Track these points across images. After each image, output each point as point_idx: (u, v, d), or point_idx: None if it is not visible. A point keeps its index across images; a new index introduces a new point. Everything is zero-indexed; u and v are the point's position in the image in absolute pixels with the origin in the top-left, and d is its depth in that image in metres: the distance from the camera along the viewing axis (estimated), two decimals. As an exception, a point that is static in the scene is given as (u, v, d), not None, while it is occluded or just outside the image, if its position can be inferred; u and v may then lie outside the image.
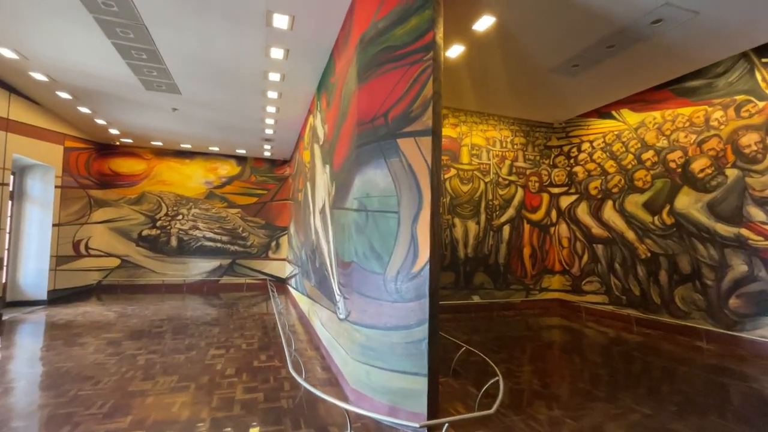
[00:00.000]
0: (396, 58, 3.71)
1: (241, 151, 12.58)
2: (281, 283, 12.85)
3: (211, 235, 12.58)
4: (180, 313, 8.38)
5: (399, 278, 3.49)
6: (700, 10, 4.71)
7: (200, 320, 7.73)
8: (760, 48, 6.16)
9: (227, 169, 13.05)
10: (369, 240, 3.76)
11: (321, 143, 6.32)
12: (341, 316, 4.43)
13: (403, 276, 3.46)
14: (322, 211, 6.04)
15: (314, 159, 7.08)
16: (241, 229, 12.97)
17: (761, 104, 6.19)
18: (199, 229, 12.49)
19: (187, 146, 12.01)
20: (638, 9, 4.66)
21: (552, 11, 4.71)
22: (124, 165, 12.00)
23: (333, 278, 5.01)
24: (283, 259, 13.19)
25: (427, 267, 3.37)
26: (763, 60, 6.19)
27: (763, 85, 6.18)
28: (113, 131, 10.45)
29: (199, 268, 12.36)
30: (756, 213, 6.17)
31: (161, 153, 12.39)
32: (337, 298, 4.69)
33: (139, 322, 7.37)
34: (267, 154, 12.80)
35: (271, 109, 8.34)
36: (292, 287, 10.54)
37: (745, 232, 6.30)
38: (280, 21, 4.96)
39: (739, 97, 6.48)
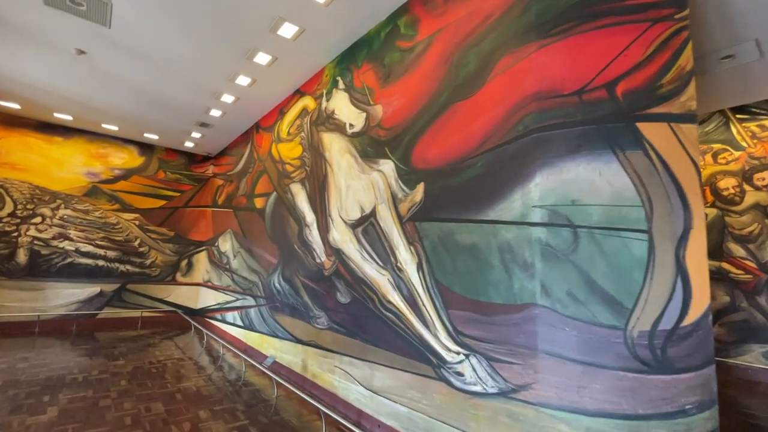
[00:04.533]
0: (624, 11, 2.58)
1: (151, 136, 9.28)
2: (194, 317, 9.64)
3: (89, 248, 8.74)
4: (59, 374, 5.08)
5: (657, 335, 2.24)
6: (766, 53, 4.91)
7: (109, 386, 4.74)
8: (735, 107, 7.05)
9: (124, 158, 9.46)
10: (582, 273, 2.42)
11: (360, 130, 4.61)
12: (475, 388, 2.86)
13: (668, 331, 2.23)
14: (362, 224, 4.30)
15: (328, 152, 5.22)
16: (138, 241, 9.42)
17: (737, 153, 7.02)
18: (71, 239, 8.55)
19: (64, 117, 8.21)
20: (732, 37, 4.58)
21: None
22: (-62, 131, 7.49)
23: (425, 324, 3.36)
24: (198, 284, 10.04)
25: (708, 317, 2.23)
26: (738, 116, 7.09)
27: (738, 137, 7.05)
28: (-71, 72, 6.35)
29: (65, 296, 8.36)
30: (736, 249, 6.84)
31: (14, 122, 8.21)
32: (451, 356, 3.09)
33: (-17, 404, 4.07)
34: (188, 144, 9.76)
35: (243, 80, 6.09)
36: (229, 323, 7.84)
37: (726, 266, 6.93)
38: (370, -64, 3.33)
39: (716, 146, 7.28)
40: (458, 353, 3.04)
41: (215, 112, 7.51)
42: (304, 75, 5.94)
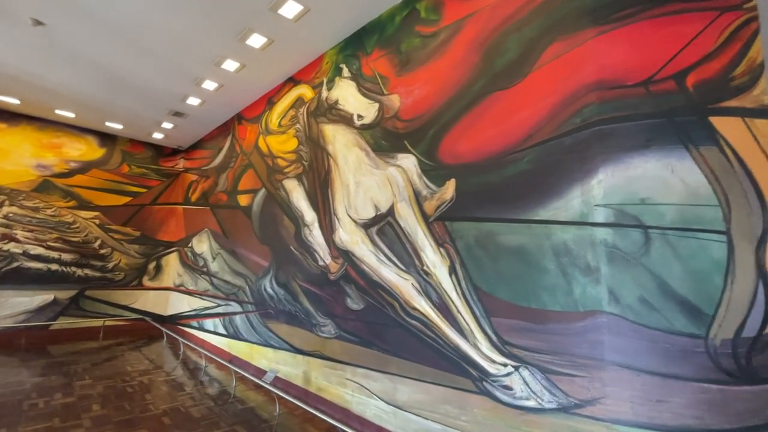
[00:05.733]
0: (691, -3, 2.43)
1: (114, 126, 8.34)
2: (164, 324, 8.78)
3: (39, 250, 7.71)
4: (14, 401, 4.31)
5: (741, 343, 2.10)
6: (762, 58, 5.07)
7: (79, 412, 4.06)
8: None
9: (81, 149, 8.44)
10: (656, 277, 2.24)
11: (371, 122, 4.25)
12: (528, 403, 2.63)
13: (752, 339, 2.09)
14: (377, 224, 3.96)
15: (331, 145, 4.82)
16: (98, 242, 8.45)
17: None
18: (17, 241, 7.49)
19: (10, 100, 7.14)
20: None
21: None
22: None
23: (462, 333, 3.09)
24: (168, 288, 9.20)
25: (792, 323, 2.11)
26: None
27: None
28: None
29: (12, 306, 7.31)
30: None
31: (-55, 104, 7.05)
32: (495, 368, 2.84)
33: None
34: (157, 136, 8.89)
35: (230, 64, 5.51)
36: (208, 331, 7.19)
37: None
38: None
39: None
40: (505, 365, 2.79)
41: (193, 101, 6.82)
42: (300, 62, 5.47)
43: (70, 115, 7.73)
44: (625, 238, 2.34)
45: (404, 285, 3.61)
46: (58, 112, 7.61)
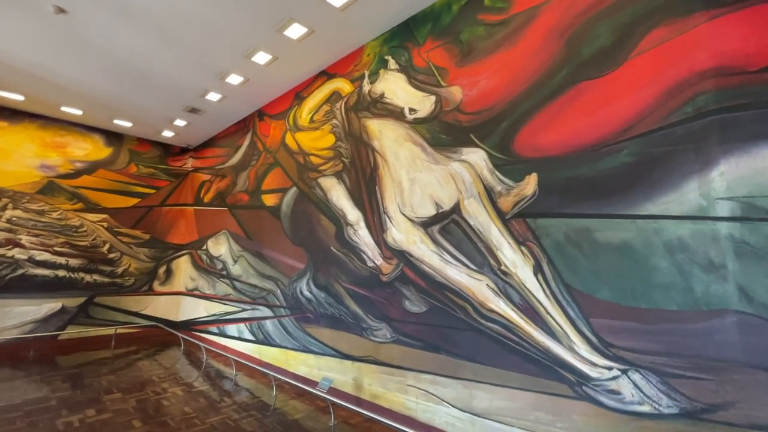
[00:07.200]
0: (814, -21, 2.32)
1: (123, 123, 7.92)
2: (177, 330, 8.41)
3: (46, 256, 7.27)
4: (45, 419, 3.97)
5: None
6: None
7: (122, 430, 3.77)
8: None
9: (86, 148, 8.01)
10: (794, 273, 2.12)
11: (427, 115, 4.06)
12: (641, 408, 2.49)
13: None
14: (439, 222, 3.78)
15: (377, 141, 4.61)
16: (106, 246, 8.04)
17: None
18: (22, 246, 7.04)
19: (13, 97, 6.69)
20: None
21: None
22: None
23: (554, 336, 2.94)
24: (179, 293, 8.82)
25: None
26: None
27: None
28: None
29: (17, 316, 6.87)
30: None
31: (-59, 100, 6.56)
32: (597, 372, 2.69)
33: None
34: (167, 134, 8.50)
35: (262, 57, 5.24)
36: (231, 337, 6.89)
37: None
38: None
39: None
40: (609, 368, 2.65)
41: (213, 96, 6.51)
42: (336, 54, 5.24)
43: (77, 112, 7.30)
44: (755, 233, 2.21)
45: (477, 286, 3.44)
46: (64, 109, 7.17)
